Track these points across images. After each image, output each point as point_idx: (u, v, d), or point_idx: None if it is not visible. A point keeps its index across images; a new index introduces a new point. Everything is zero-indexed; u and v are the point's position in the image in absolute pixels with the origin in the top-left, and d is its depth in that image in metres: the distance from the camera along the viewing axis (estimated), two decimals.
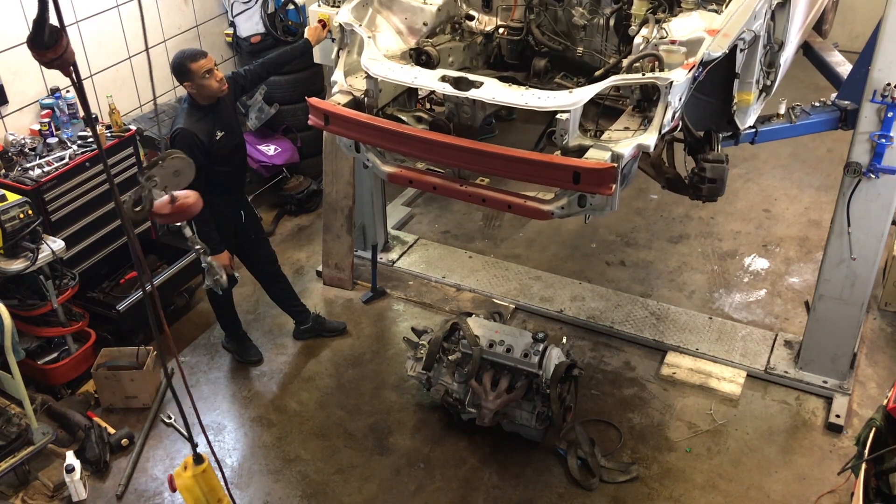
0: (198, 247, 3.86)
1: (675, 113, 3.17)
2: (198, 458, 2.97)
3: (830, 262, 4.27)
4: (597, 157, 3.10)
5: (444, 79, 3.34)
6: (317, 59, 5.63)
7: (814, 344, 4.53)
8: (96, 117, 4.99)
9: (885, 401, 3.39)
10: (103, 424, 4.41)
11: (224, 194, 4.38)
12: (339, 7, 4.03)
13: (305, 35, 4.65)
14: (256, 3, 5.87)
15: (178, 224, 3.83)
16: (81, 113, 4.93)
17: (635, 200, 6.25)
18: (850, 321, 4.38)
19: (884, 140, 3.85)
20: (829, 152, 6.69)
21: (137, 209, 3.65)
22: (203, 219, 4.12)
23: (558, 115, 3.16)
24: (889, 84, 3.74)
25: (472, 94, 3.29)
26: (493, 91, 3.26)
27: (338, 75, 3.80)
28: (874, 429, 3.26)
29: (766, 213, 6.07)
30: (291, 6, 6.03)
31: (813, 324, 4.50)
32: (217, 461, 3.07)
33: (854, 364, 4.58)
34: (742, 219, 6.01)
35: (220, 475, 3.02)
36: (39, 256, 4.17)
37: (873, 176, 3.95)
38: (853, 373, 4.58)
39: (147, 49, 3.11)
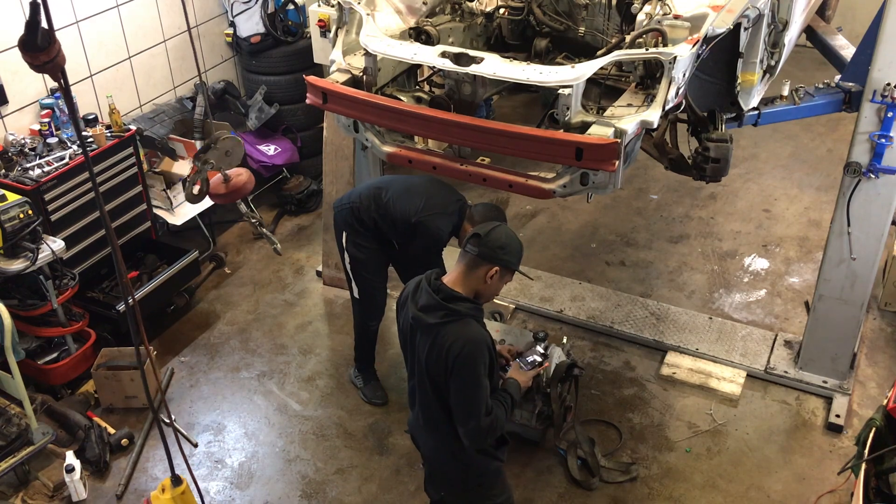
0: (254, 220, 4.00)
1: (678, 89, 3.16)
2: (176, 480, 2.95)
3: (830, 262, 4.26)
4: (600, 132, 3.07)
5: (444, 54, 3.32)
6: (317, 59, 5.65)
7: (814, 344, 4.52)
8: (95, 117, 4.98)
9: (885, 401, 3.39)
10: (103, 424, 4.41)
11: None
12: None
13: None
14: (256, 3, 5.86)
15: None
16: (80, 114, 4.96)
17: (635, 200, 6.25)
18: (850, 321, 4.38)
19: (884, 140, 3.85)
20: (829, 152, 6.69)
21: (196, 192, 3.80)
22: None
23: (560, 91, 3.14)
24: (889, 84, 3.74)
25: (473, 69, 3.26)
26: (494, 66, 3.24)
27: (336, 54, 3.76)
28: (874, 429, 3.26)
29: (766, 213, 6.07)
30: (291, 6, 6.03)
31: (813, 324, 4.50)
32: (195, 481, 3.05)
33: (854, 364, 4.57)
34: (742, 219, 6.01)
35: (197, 497, 3.00)
36: (39, 256, 4.17)
37: (873, 176, 3.95)
38: (853, 373, 4.57)
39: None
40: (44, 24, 1.97)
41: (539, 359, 3.39)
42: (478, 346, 2.83)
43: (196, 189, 3.87)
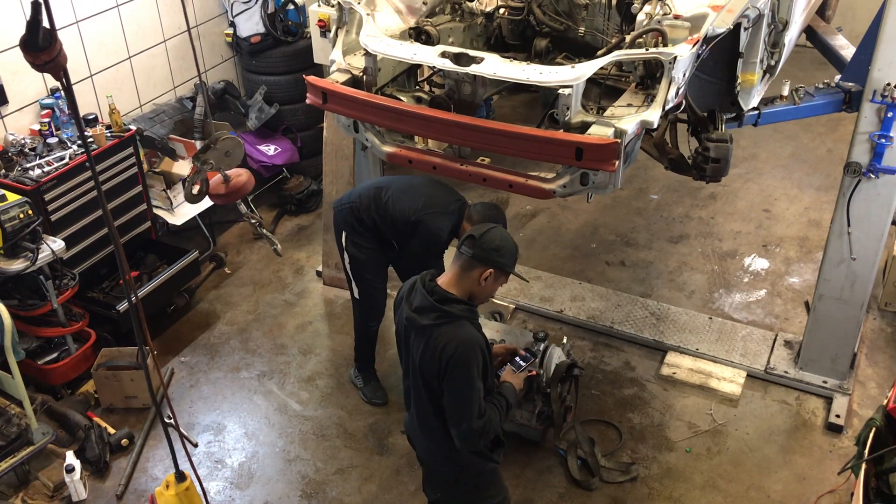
0: (254, 220, 4.03)
1: (678, 89, 3.16)
2: (180, 476, 2.95)
3: (830, 262, 4.26)
4: (600, 132, 3.07)
5: (444, 54, 3.32)
6: (317, 59, 5.65)
7: (814, 344, 4.52)
8: (95, 117, 4.98)
9: (885, 401, 3.39)
10: (103, 424, 4.41)
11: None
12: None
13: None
14: (256, 3, 5.86)
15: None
16: (80, 114, 4.96)
17: (635, 200, 6.25)
18: (850, 321, 4.38)
19: (884, 140, 3.85)
20: (829, 152, 6.69)
21: (196, 192, 3.86)
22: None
23: (560, 91, 3.14)
24: (889, 84, 3.74)
25: (473, 69, 3.26)
26: (494, 66, 3.24)
27: (336, 54, 3.76)
28: (874, 429, 3.26)
29: (766, 213, 6.07)
30: (291, 6, 6.03)
31: (813, 324, 4.50)
32: (198, 479, 3.06)
33: (854, 364, 4.57)
34: (742, 219, 6.01)
35: (201, 493, 3.00)
36: (39, 256, 4.17)
37: (873, 176, 3.95)
38: (853, 373, 4.57)
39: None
40: (45, 24, 1.97)
41: (524, 363, 3.36)
42: (471, 347, 2.83)
43: (196, 189, 3.90)
